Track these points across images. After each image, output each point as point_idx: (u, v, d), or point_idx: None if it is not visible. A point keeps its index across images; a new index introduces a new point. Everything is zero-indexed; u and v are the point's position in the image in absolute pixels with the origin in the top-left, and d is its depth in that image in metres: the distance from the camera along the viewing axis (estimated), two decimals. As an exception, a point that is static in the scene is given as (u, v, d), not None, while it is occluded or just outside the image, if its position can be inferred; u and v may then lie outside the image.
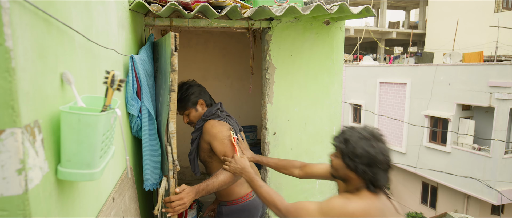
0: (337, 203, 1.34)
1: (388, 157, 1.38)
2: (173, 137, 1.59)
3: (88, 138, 0.80)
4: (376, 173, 1.34)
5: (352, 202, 1.33)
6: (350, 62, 16.58)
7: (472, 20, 14.57)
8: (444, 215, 4.54)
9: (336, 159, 1.45)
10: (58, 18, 0.81)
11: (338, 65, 2.56)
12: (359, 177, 1.37)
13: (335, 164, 1.46)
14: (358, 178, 1.37)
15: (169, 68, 1.52)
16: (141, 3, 1.83)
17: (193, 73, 3.95)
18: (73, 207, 0.92)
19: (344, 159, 1.39)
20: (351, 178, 1.40)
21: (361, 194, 1.36)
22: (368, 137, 1.36)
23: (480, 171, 8.87)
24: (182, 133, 3.96)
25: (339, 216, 1.30)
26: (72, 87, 0.86)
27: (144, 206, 2.14)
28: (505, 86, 8.22)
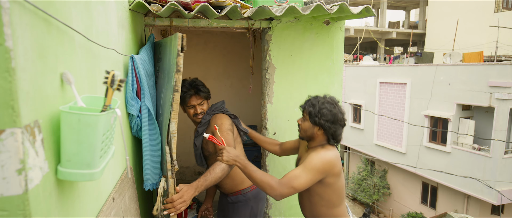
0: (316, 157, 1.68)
1: (344, 117, 1.78)
2: (173, 137, 1.59)
3: (88, 138, 0.80)
4: (337, 128, 1.74)
5: (326, 152, 1.72)
6: (350, 62, 16.58)
7: (472, 20, 14.57)
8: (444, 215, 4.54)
9: (304, 122, 1.81)
10: (58, 18, 0.81)
11: (338, 65, 2.56)
12: (324, 133, 1.75)
13: (303, 126, 1.81)
14: (323, 134, 1.76)
15: (173, 68, 1.51)
16: (141, 3, 1.83)
17: (193, 73, 3.94)
18: (73, 207, 0.92)
19: (312, 119, 1.75)
20: (317, 135, 1.77)
21: (327, 147, 1.77)
22: (329, 102, 1.76)
23: (480, 171, 8.86)
24: (182, 133, 3.96)
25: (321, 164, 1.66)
26: (72, 87, 0.86)
27: (144, 206, 2.14)
28: (505, 86, 8.22)
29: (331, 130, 1.73)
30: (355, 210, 12.64)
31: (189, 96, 2.08)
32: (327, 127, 1.72)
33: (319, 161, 1.67)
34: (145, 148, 1.76)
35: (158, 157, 1.85)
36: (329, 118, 1.71)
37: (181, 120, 3.96)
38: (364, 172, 12.90)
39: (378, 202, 12.70)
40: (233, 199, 2.18)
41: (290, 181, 1.63)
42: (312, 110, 1.75)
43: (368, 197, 12.30)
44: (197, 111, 2.11)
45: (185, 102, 2.10)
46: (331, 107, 1.73)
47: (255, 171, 1.70)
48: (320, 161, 1.67)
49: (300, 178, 1.64)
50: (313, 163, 1.66)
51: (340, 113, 1.75)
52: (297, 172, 1.66)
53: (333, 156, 1.71)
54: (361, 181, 12.70)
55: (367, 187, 12.39)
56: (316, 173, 1.66)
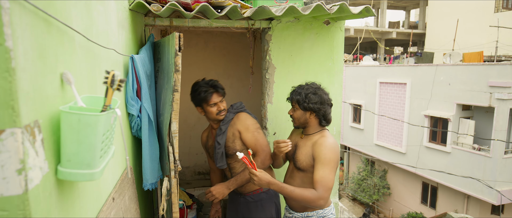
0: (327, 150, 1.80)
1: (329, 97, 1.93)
2: (175, 137, 1.59)
3: (88, 138, 0.80)
4: (326, 108, 1.89)
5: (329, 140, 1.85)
6: (350, 62, 16.58)
7: (472, 20, 14.56)
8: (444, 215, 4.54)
9: (295, 111, 1.95)
10: (58, 18, 0.81)
11: (338, 65, 2.56)
12: (316, 115, 1.90)
13: (296, 115, 1.94)
14: (315, 117, 1.91)
15: (172, 68, 1.51)
16: (141, 3, 1.83)
17: (193, 73, 3.95)
18: (73, 207, 0.91)
19: (301, 106, 1.89)
20: (310, 119, 1.92)
21: (322, 132, 1.92)
22: (312, 86, 1.91)
23: (480, 171, 8.86)
24: (182, 133, 3.96)
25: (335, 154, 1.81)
26: (72, 87, 0.86)
27: (144, 206, 2.14)
28: (505, 86, 8.22)
29: (321, 112, 1.88)
30: (355, 210, 12.64)
31: (210, 94, 2.07)
32: (316, 109, 1.87)
33: (332, 152, 1.81)
34: (145, 148, 1.76)
35: (157, 157, 1.85)
36: (316, 100, 1.87)
37: (181, 120, 3.96)
38: (364, 172, 12.89)
39: (378, 202, 12.70)
40: (255, 197, 2.19)
41: (326, 185, 1.76)
42: (300, 97, 1.89)
43: (368, 197, 12.30)
44: (220, 108, 2.11)
45: (207, 101, 2.08)
46: (315, 90, 1.89)
47: (292, 190, 1.79)
48: (332, 152, 1.81)
49: (329, 176, 1.77)
50: (328, 157, 1.79)
51: (325, 94, 1.92)
52: (321, 173, 1.78)
53: (336, 143, 1.87)
54: (361, 181, 12.70)
55: (367, 187, 12.38)
56: (335, 164, 1.81)
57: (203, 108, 2.13)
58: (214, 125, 2.21)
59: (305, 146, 1.93)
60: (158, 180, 1.93)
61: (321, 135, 1.90)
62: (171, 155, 1.60)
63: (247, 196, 2.21)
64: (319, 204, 1.78)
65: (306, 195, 1.76)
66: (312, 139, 1.91)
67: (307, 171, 1.90)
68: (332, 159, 1.79)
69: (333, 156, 1.80)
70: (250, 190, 2.21)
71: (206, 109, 2.12)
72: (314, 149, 1.85)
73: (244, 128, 2.10)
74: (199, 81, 2.15)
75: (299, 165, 1.92)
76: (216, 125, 2.20)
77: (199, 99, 2.09)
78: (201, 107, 2.14)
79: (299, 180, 1.96)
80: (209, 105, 2.10)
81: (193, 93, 2.12)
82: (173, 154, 1.60)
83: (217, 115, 2.11)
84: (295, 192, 1.78)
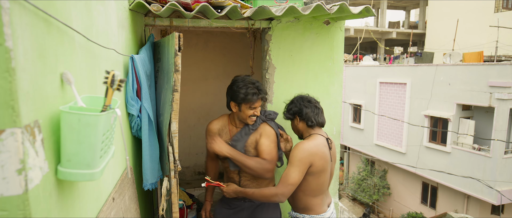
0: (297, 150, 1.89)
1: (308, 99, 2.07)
2: (175, 137, 1.59)
3: (88, 138, 0.80)
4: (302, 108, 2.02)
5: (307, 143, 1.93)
6: (350, 62, 16.57)
7: (472, 20, 14.56)
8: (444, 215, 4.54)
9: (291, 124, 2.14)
10: (58, 18, 0.81)
11: (338, 65, 2.56)
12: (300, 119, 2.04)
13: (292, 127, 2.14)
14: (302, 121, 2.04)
15: (172, 68, 1.51)
16: (141, 3, 1.83)
17: (193, 73, 3.95)
18: (73, 207, 0.91)
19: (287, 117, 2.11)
20: (300, 125, 2.06)
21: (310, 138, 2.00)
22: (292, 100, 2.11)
23: (480, 171, 8.86)
24: (182, 133, 3.96)
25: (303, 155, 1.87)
26: (72, 87, 0.86)
27: (144, 206, 2.14)
28: (505, 86, 8.21)
29: (302, 113, 2.02)
30: (355, 210, 12.64)
31: (256, 98, 2.00)
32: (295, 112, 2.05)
33: (300, 152, 1.88)
34: (145, 148, 1.76)
35: (157, 157, 1.85)
36: (290, 106, 2.08)
37: (181, 120, 3.96)
38: (364, 172, 12.89)
39: (378, 202, 12.70)
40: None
41: (285, 180, 1.88)
42: (285, 112, 2.12)
43: (368, 197, 12.30)
44: (256, 113, 2.07)
45: (249, 102, 1.99)
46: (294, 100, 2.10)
47: (253, 192, 1.99)
48: (301, 153, 1.88)
49: (292, 174, 1.87)
50: (295, 156, 1.89)
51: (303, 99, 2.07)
52: (286, 171, 1.90)
53: (312, 146, 1.92)
54: (361, 181, 12.70)
55: (367, 187, 12.38)
56: (302, 164, 1.87)
57: (239, 106, 2.04)
58: (240, 125, 2.15)
59: None
60: (158, 180, 1.93)
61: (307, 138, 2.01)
62: (171, 155, 1.60)
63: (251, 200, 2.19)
64: (278, 199, 1.89)
65: (265, 192, 1.94)
66: None
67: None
68: (297, 158, 1.87)
69: (299, 155, 1.87)
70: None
71: (243, 109, 2.03)
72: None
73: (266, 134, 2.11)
74: (245, 78, 2.08)
75: None
76: (240, 125, 2.14)
77: (242, 98, 1.99)
78: (238, 104, 2.04)
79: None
80: (249, 107, 2.02)
81: (240, 88, 2.01)
82: (173, 154, 1.60)
83: (249, 118, 2.05)
84: (255, 193, 1.97)
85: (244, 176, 2.16)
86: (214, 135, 2.13)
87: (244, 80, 2.05)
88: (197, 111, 3.99)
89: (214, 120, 2.25)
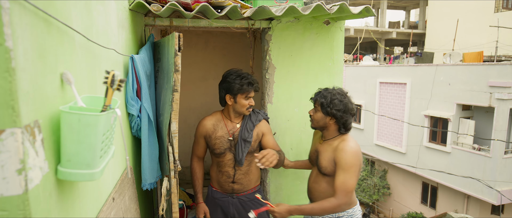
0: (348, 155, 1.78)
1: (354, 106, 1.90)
2: (175, 137, 1.59)
3: (88, 138, 0.80)
4: (348, 118, 1.87)
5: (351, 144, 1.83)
6: (350, 62, 16.57)
7: (472, 20, 14.56)
8: (444, 215, 4.54)
9: (316, 113, 1.93)
10: (58, 18, 0.81)
11: (338, 65, 2.56)
12: (336, 122, 1.88)
13: (316, 117, 1.93)
14: (335, 123, 1.89)
15: (172, 68, 1.52)
16: (141, 3, 1.83)
17: (193, 73, 3.95)
18: (73, 207, 0.91)
19: (324, 109, 1.87)
20: (329, 124, 1.91)
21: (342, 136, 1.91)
22: (340, 93, 1.88)
23: (480, 171, 8.86)
24: (182, 133, 3.96)
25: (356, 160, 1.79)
26: (72, 87, 0.86)
27: (144, 206, 2.14)
28: (505, 86, 8.21)
29: (342, 120, 1.86)
30: (355, 210, 12.62)
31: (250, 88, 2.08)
32: (338, 116, 1.85)
33: (352, 157, 1.79)
34: (144, 148, 1.76)
35: (156, 157, 1.85)
36: (340, 108, 1.84)
37: (181, 120, 3.96)
38: (364, 172, 12.89)
39: (378, 202, 12.70)
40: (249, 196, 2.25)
41: (344, 188, 1.78)
42: (324, 101, 1.86)
43: (368, 197, 12.30)
44: (252, 103, 2.13)
45: (245, 92, 2.07)
46: (341, 97, 1.86)
47: (312, 207, 1.85)
48: (353, 157, 1.79)
49: (349, 181, 1.78)
50: (348, 162, 1.78)
51: (350, 103, 1.88)
52: (341, 178, 1.79)
53: (357, 147, 1.85)
54: (361, 181, 12.69)
55: (367, 187, 12.38)
56: (356, 168, 1.79)
57: (235, 98, 2.09)
58: (235, 118, 2.18)
59: (326, 152, 1.93)
60: (157, 180, 1.93)
61: (342, 139, 1.90)
62: (171, 155, 1.60)
63: (242, 195, 2.23)
64: (340, 209, 1.82)
65: (326, 206, 1.81)
66: (332, 144, 1.91)
67: (332, 175, 1.90)
68: (353, 164, 1.78)
69: (354, 161, 1.79)
70: (247, 188, 2.24)
71: (239, 100, 2.09)
72: (336, 155, 1.85)
73: (268, 131, 2.24)
74: (237, 70, 2.14)
75: (323, 171, 1.93)
76: (238, 119, 2.19)
77: (238, 88, 2.05)
78: (233, 96, 2.09)
79: (324, 184, 1.96)
80: (244, 97, 2.08)
81: (234, 80, 2.06)
82: (173, 154, 1.60)
83: (247, 109, 2.12)
84: (315, 208, 1.84)
85: (239, 170, 2.19)
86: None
87: (237, 72, 2.13)
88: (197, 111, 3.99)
89: (207, 116, 2.25)
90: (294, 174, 2.59)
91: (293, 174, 2.58)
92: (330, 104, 1.84)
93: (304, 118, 2.55)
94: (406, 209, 11.68)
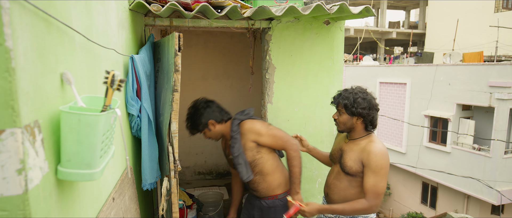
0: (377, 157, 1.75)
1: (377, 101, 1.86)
2: (175, 137, 1.59)
3: (88, 138, 0.80)
4: (374, 114, 1.82)
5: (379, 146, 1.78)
6: (350, 62, 16.57)
7: (472, 20, 14.55)
8: (444, 215, 4.54)
9: (341, 115, 1.87)
10: (58, 18, 0.81)
11: (338, 65, 2.56)
12: (363, 121, 1.83)
13: (342, 120, 1.87)
14: (362, 123, 1.84)
15: (172, 68, 1.52)
16: (141, 3, 1.83)
17: (193, 73, 3.95)
18: (73, 207, 0.91)
19: (349, 110, 1.81)
20: (357, 124, 1.85)
21: (369, 137, 1.86)
22: (360, 90, 1.84)
23: (480, 171, 8.86)
24: (182, 133, 3.96)
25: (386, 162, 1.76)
26: (72, 87, 0.86)
27: (144, 206, 2.14)
28: (505, 86, 8.21)
29: (369, 117, 1.81)
30: (355, 210, 12.63)
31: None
32: (365, 114, 1.80)
33: (382, 159, 1.76)
34: (144, 148, 1.76)
35: (156, 157, 1.85)
36: (365, 105, 1.79)
37: (181, 120, 3.95)
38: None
39: (378, 202, 12.69)
40: (270, 203, 2.15)
41: (376, 191, 1.76)
42: (347, 102, 1.81)
43: (368, 197, 12.29)
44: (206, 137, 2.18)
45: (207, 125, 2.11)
46: (363, 95, 1.82)
47: (343, 208, 1.83)
48: (383, 159, 1.76)
49: (380, 184, 1.76)
50: (379, 164, 1.75)
51: (373, 99, 1.85)
52: (371, 180, 1.77)
53: (385, 148, 1.81)
54: (361, 181, 12.68)
55: (367, 187, 12.37)
56: (386, 171, 1.77)
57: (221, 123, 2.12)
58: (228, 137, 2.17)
59: (352, 151, 1.88)
60: (156, 180, 1.93)
61: (369, 140, 1.85)
62: (171, 155, 1.60)
63: (263, 200, 2.17)
64: (372, 211, 1.81)
65: (357, 207, 1.80)
66: (359, 144, 1.86)
67: (356, 176, 1.86)
68: (384, 166, 1.76)
69: (384, 163, 1.76)
70: (265, 195, 2.17)
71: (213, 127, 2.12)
72: (364, 156, 1.81)
73: (256, 135, 2.03)
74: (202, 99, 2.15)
75: (347, 170, 1.88)
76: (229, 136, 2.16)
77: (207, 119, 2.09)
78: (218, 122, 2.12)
79: (346, 183, 1.92)
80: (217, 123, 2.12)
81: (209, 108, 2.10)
82: (173, 154, 1.60)
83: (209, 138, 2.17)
84: (346, 208, 1.82)
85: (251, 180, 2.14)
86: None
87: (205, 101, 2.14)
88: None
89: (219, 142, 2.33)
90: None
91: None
92: (354, 103, 1.79)
93: (304, 118, 2.55)
94: (406, 209, 11.68)
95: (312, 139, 2.58)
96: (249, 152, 2.05)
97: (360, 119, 1.83)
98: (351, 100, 1.80)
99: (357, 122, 1.84)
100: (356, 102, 1.79)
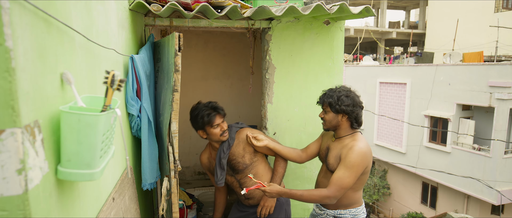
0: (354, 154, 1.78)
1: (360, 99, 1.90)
2: (175, 137, 1.59)
3: (88, 138, 0.80)
4: (358, 111, 1.87)
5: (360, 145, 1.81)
6: (350, 62, 16.57)
7: (472, 20, 14.55)
8: (444, 215, 4.54)
9: (327, 114, 1.92)
10: (58, 18, 0.81)
11: (338, 65, 2.56)
12: (348, 118, 1.87)
13: (327, 118, 1.92)
14: (347, 120, 1.88)
15: (172, 68, 1.52)
16: (141, 3, 1.83)
17: (193, 73, 3.95)
18: (73, 207, 0.91)
19: (333, 108, 1.86)
20: (342, 122, 1.90)
21: (354, 136, 1.90)
22: (344, 89, 1.90)
23: (480, 171, 8.86)
24: (182, 133, 3.96)
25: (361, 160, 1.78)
26: (72, 87, 0.86)
27: (144, 206, 2.14)
28: (505, 86, 8.21)
29: (354, 114, 1.86)
30: (355, 210, 12.62)
31: (213, 117, 2.06)
32: (349, 111, 1.84)
33: (358, 157, 1.78)
34: (144, 148, 1.77)
35: (156, 157, 1.85)
36: (349, 103, 1.84)
37: (181, 120, 3.95)
38: (364, 172, 12.88)
39: (378, 202, 12.70)
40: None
41: (339, 184, 1.79)
42: (332, 100, 1.86)
43: (368, 197, 12.30)
44: (223, 128, 2.10)
45: (211, 123, 2.06)
46: (347, 93, 1.88)
47: (301, 194, 1.86)
48: (359, 158, 1.78)
49: (347, 179, 1.78)
50: (353, 161, 1.78)
51: (357, 96, 1.90)
52: (340, 173, 1.80)
53: (367, 148, 1.84)
54: (361, 181, 12.69)
55: (367, 187, 12.38)
56: (358, 169, 1.79)
57: (206, 131, 2.10)
58: (216, 146, 2.19)
59: (336, 149, 1.92)
60: (156, 180, 1.93)
61: (353, 138, 1.89)
62: (171, 155, 1.60)
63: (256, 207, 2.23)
64: (329, 201, 1.82)
65: (315, 194, 1.84)
66: (343, 142, 1.90)
67: None
68: (357, 164, 1.78)
69: (358, 161, 1.78)
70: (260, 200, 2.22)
71: (210, 132, 2.09)
72: (343, 152, 1.85)
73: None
74: (198, 105, 2.14)
75: (330, 168, 1.91)
76: (218, 145, 2.18)
77: (202, 123, 2.06)
78: (204, 130, 2.11)
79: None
80: (212, 127, 2.07)
81: (195, 117, 2.08)
82: (173, 154, 1.60)
83: (221, 136, 2.10)
84: (305, 194, 1.85)
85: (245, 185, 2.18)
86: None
87: (197, 108, 2.13)
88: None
89: (202, 152, 2.35)
90: (294, 174, 2.59)
91: (293, 174, 2.59)
92: (338, 101, 1.85)
93: (304, 118, 2.55)
94: (406, 209, 11.68)
95: (312, 139, 2.58)
96: (240, 158, 2.16)
97: (345, 117, 1.88)
98: (335, 98, 1.85)
99: (342, 120, 1.89)
100: (340, 100, 1.84)
